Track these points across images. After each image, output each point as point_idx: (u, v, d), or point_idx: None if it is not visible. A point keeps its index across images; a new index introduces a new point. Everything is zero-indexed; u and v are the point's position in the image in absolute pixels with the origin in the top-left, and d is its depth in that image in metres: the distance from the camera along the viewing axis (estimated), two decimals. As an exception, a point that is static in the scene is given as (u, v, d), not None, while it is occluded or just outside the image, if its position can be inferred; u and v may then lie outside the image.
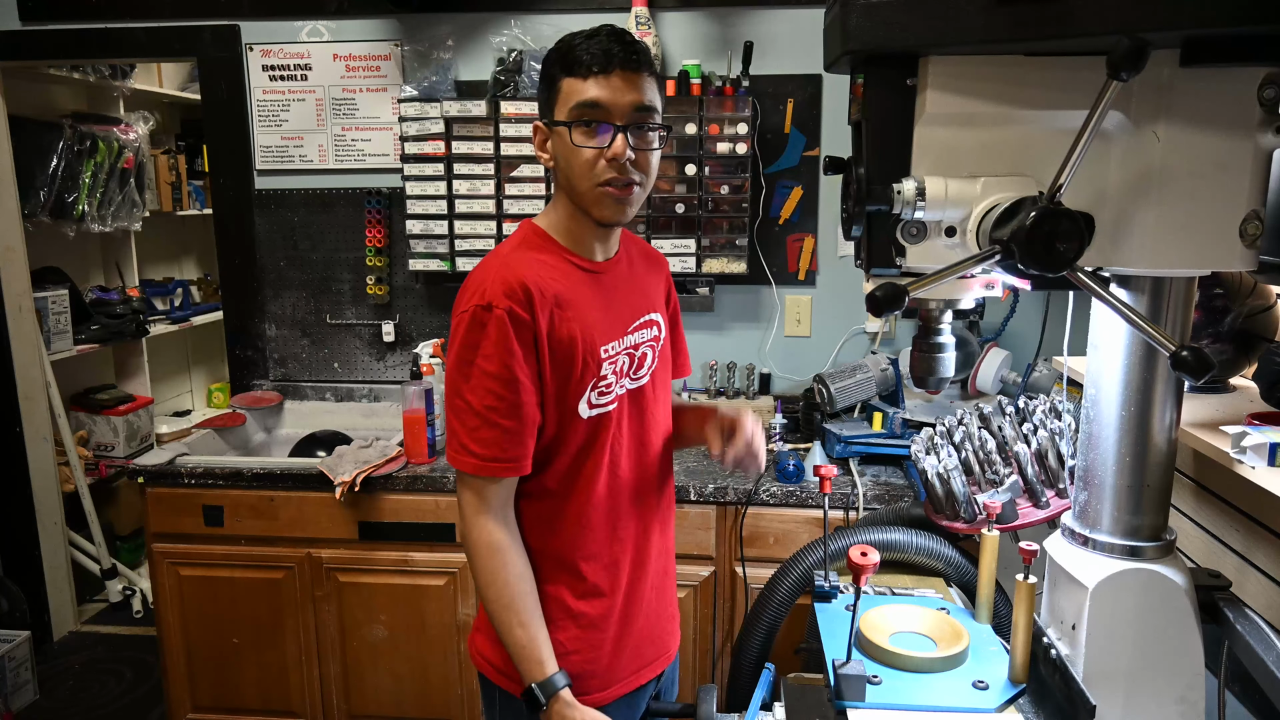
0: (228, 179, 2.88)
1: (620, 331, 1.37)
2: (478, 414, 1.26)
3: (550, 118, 1.29)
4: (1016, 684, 1.14)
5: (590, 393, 1.32)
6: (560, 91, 1.27)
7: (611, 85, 1.24)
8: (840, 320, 2.76)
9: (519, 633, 1.28)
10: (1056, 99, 0.89)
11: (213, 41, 2.80)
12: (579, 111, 1.25)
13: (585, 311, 1.31)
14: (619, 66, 1.24)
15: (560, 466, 1.34)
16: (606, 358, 1.33)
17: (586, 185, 1.27)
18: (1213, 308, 1.48)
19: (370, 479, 2.27)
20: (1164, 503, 1.02)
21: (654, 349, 1.44)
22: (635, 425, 1.40)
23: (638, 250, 1.50)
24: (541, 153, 1.34)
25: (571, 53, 1.25)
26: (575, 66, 1.25)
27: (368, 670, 2.40)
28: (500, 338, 1.24)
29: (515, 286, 1.25)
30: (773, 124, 2.66)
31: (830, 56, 0.99)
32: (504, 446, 1.27)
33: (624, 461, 1.39)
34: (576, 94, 1.25)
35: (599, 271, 1.37)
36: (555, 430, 1.32)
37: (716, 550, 2.25)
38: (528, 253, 1.32)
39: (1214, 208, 0.89)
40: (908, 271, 0.95)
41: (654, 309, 1.45)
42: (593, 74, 1.24)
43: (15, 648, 2.90)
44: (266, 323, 2.94)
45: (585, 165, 1.26)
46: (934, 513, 1.56)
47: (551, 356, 1.28)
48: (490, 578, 1.29)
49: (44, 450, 3.30)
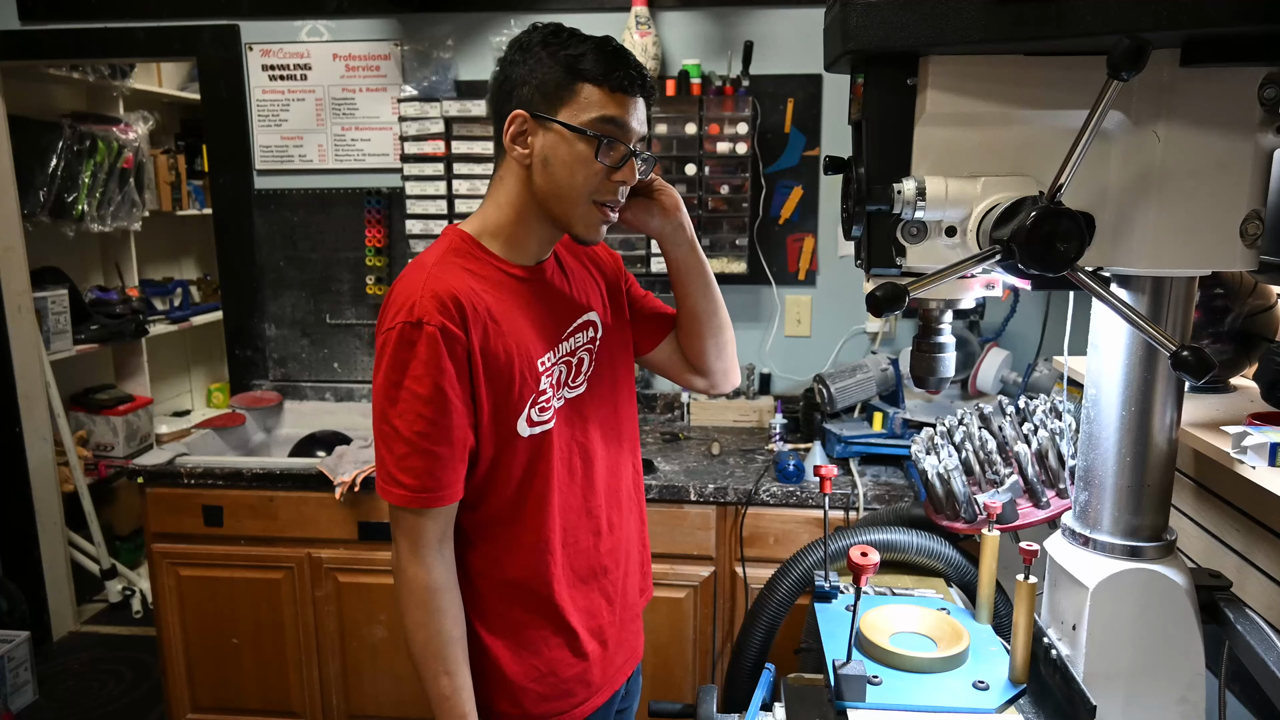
0: (227, 179, 2.88)
1: (555, 340, 1.30)
2: (406, 440, 1.17)
3: (553, 115, 1.19)
4: (1017, 684, 1.14)
5: (530, 409, 1.24)
6: (578, 95, 1.19)
7: (635, 107, 1.21)
8: (840, 320, 2.76)
9: (444, 682, 1.22)
10: (1056, 99, 0.89)
11: (212, 41, 2.80)
12: (602, 125, 1.19)
13: (519, 323, 1.24)
14: (640, 91, 1.22)
15: (506, 492, 1.27)
16: (544, 370, 1.26)
17: (581, 199, 1.22)
18: (1213, 308, 1.48)
19: (370, 479, 2.27)
20: (1164, 503, 1.02)
21: (590, 352, 1.37)
22: (580, 434, 1.34)
23: (563, 249, 1.40)
24: (517, 146, 1.22)
25: (594, 59, 1.18)
26: (604, 77, 1.18)
27: (368, 670, 2.40)
28: (431, 356, 1.15)
29: (446, 300, 1.16)
30: (773, 124, 2.65)
31: (830, 56, 0.99)
32: (434, 474, 1.19)
33: (577, 474, 1.33)
34: (600, 105, 1.18)
35: (530, 279, 1.29)
36: (493, 452, 1.24)
37: (716, 550, 2.25)
38: (455, 260, 1.23)
39: (1214, 208, 0.88)
40: (908, 271, 0.95)
41: (590, 308, 1.38)
42: (622, 88, 1.19)
43: (15, 648, 2.90)
44: (266, 323, 2.94)
45: (591, 179, 1.21)
46: (934, 513, 1.56)
47: (487, 374, 1.20)
48: (421, 622, 1.21)
49: (44, 450, 3.30)
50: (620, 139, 1.20)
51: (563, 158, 1.20)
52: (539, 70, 1.20)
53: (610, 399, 1.40)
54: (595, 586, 1.38)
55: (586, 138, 1.19)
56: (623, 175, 1.22)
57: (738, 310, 2.78)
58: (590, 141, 1.19)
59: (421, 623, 1.22)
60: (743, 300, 2.78)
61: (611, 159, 1.21)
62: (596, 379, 1.37)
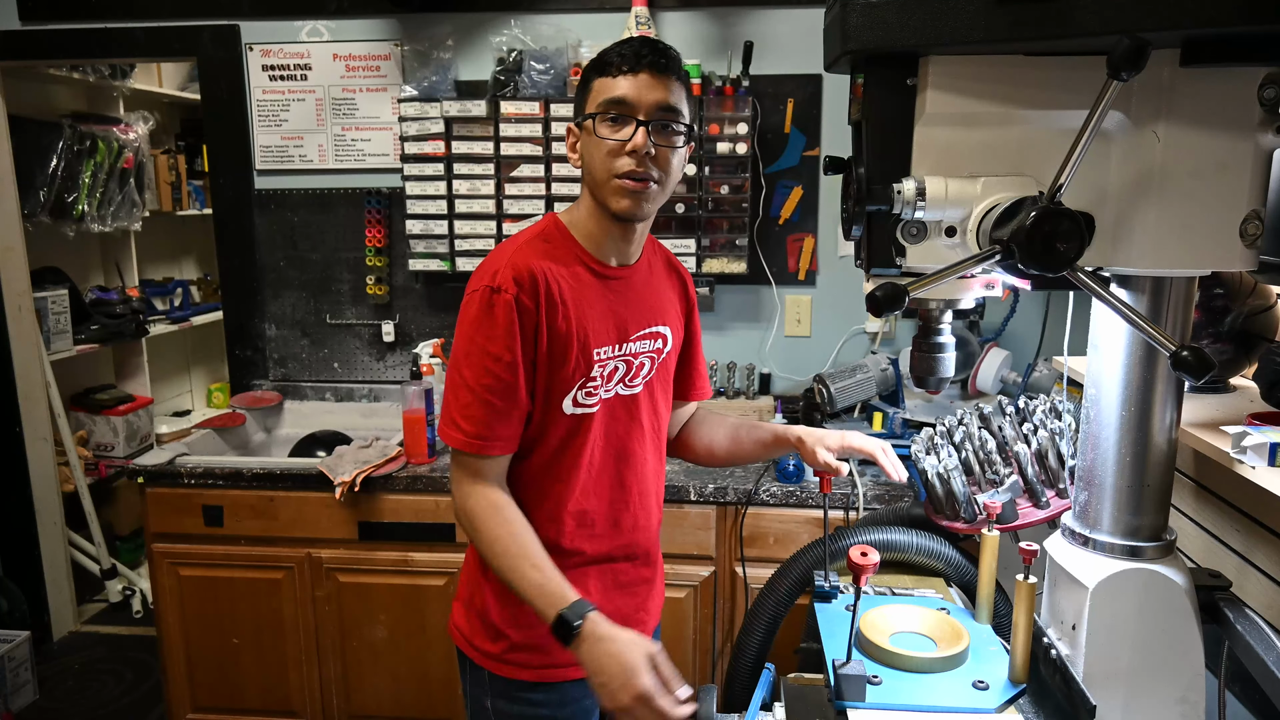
0: (227, 179, 2.88)
1: (619, 338, 1.39)
2: (472, 390, 1.29)
3: (580, 116, 1.35)
4: (1017, 684, 1.13)
5: (577, 391, 1.35)
6: (591, 90, 1.32)
7: (638, 82, 1.29)
8: (840, 320, 2.76)
9: (533, 574, 1.25)
10: (1056, 99, 0.89)
11: (212, 41, 2.80)
12: (605, 106, 1.29)
13: (587, 312, 1.34)
14: (647, 67, 1.29)
15: (541, 459, 1.37)
16: (599, 360, 1.36)
17: (605, 176, 1.30)
18: (1213, 308, 1.48)
19: (370, 479, 2.27)
20: (1164, 503, 1.02)
21: (654, 360, 1.46)
22: (620, 429, 1.42)
23: (661, 260, 1.53)
24: (572, 154, 1.38)
25: (605, 55, 1.32)
26: (606, 66, 1.31)
27: (368, 670, 2.40)
28: (505, 320, 1.27)
29: (524, 274, 1.29)
30: (773, 124, 2.65)
31: (830, 56, 0.99)
32: (492, 425, 1.30)
33: (610, 464, 1.42)
34: (605, 90, 1.30)
35: (610, 276, 1.39)
36: (540, 419, 1.35)
37: (716, 550, 2.25)
38: (543, 244, 1.35)
39: (1214, 208, 0.88)
40: (908, 271, 0.95)
41: (664, 321, 1.47)
42: (622, 72, 1.29)
43: (15, 648, 2.90)
44: (266, 323, 2.94)
45: (606, 156, 1.30)
46: (934, 513, 1.56)
47: (549, 348, 1.31)
48: (494, 533, 1.29)
49: (44, 450, 3.30)
50: (624, 112, 1.29)
51: (587, 147, 1.33)
52: (579, 88, 1.37)
53: (657, 409, 1.49)
54: (598, 571, 1.43)
55: (594, 119, 1.30)
56: (632, 144, 1.28)
57: (738, 310, 2.79)
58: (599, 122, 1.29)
59: (494, 534, 1.29)
60: (742, 300, 2.78)
61: (611, 132, 1.29)
62: (651, 386, 1.46)
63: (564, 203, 2.61)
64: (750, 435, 1.60)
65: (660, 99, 1.29)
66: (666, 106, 1.30)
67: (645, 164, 1.29)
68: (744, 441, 1.60)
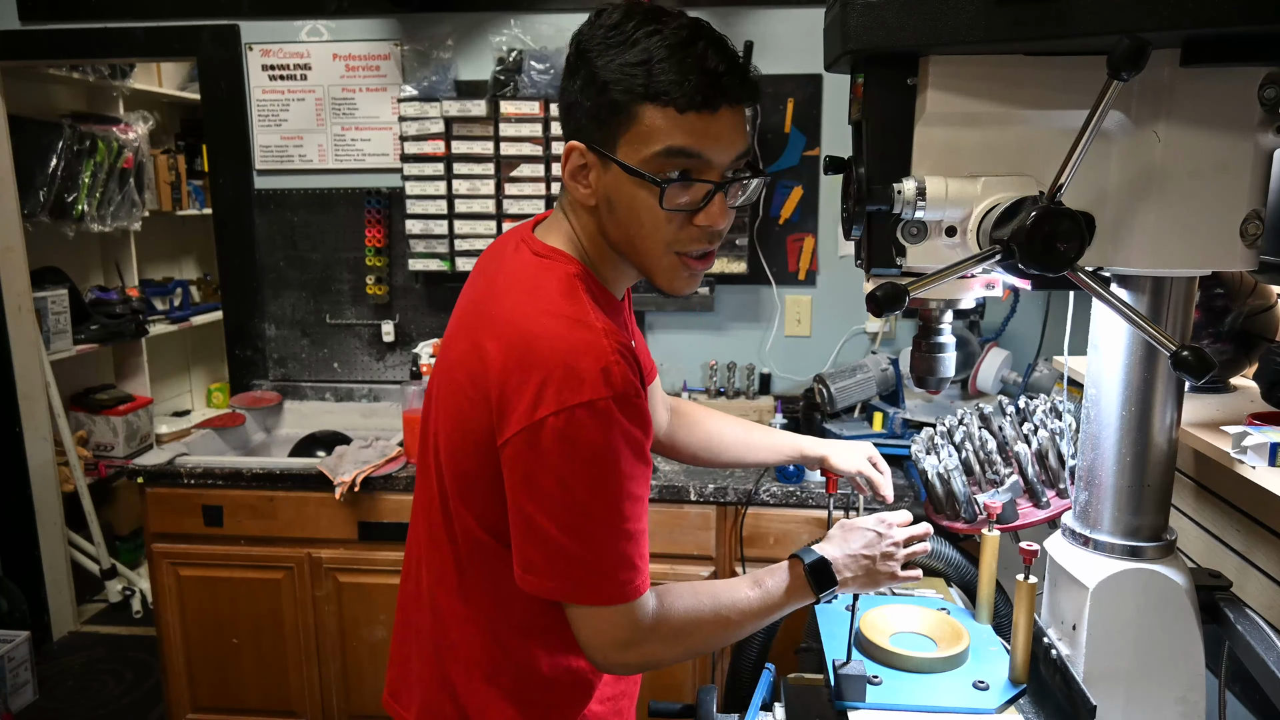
0: (227, 179, 2.88)
1: None
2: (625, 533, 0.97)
3: (611, 150, 0.95)
4: (1017, 684, 1.14)
5: None
6: (638, 121, 0.93)
7: (718, 126, 0.94)
8: (840, 320, 2.75)
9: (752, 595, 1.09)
10: (1056, 99, 0.89)
11: (212, 41, 2.80)
12: (669, 162, 0.94)
13: None
14: (729, 101, 0.94)
15: None
16: None
17: (659, 250, 0.99)
18: (1213, 307, 1.48)
19: (370, 479, 2.27)
20: (1164, 503, 1.02)
21: None
22: None
23: None
24: (579, 185, 1.00)
25: (661, 70, 0.91)
26: (667, 92, 0.91)
27: (368, 670, 2.40)
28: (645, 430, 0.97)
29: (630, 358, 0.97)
30: (773, 124, 2.65)
31: (830, 56, 0.98)
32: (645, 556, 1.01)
33: None
34: (666, 135, 0.93)
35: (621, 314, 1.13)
36: None
37: (716, 550, 2.25)
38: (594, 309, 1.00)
39: (1214, 207, 0.88)
40: (908, 271, 0.95)
41: None
42: (698, 108, 0.92)
43: (15, 648, 2.90)
44: (266, 323, 2.94)
45: (664, 227, 0.97)
46: (934, 513, 1.56)
47: None
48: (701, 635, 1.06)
49: (43, 450, 3.30)
50: (697, 173, 0.96)
51: (627, 202, 0.97)
52: (593, 88, 0.95)
53: None
54: None
55: (660, 185, 0.94)
56: (706, 219, 0.97)
57: (738, 310, 2.79)
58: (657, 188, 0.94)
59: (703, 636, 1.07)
60: (742, 300, 2.78)
61: (686, 202, 0.96)
62: None
63: (564, 203, 2.61)
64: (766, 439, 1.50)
65: (738, 148, 0.97)
66: (744, 153, 0.99)
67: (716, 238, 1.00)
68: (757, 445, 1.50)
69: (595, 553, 0.97)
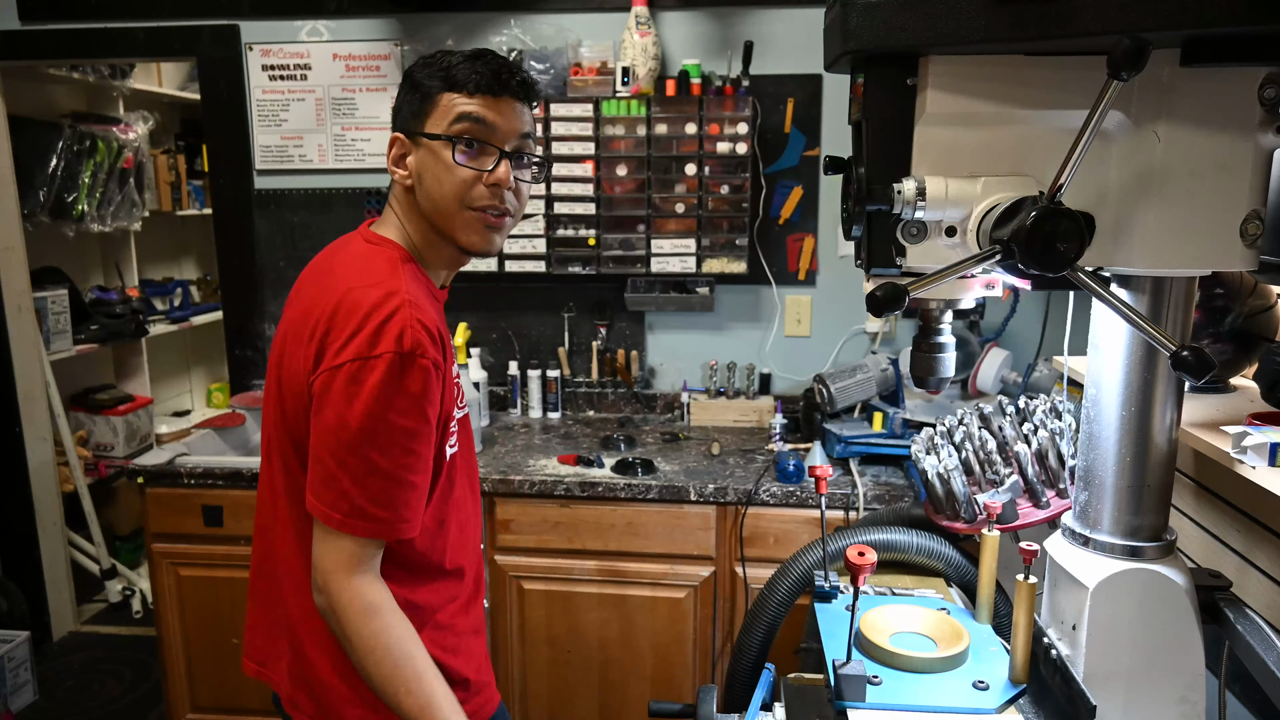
0: (227, 179, 2.88)
1: None
2: (387, 475, 1.12)
3: (419, 130, 1.21)
4: (1017, 684, 1.14)
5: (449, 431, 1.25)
6: (437, 104, 1.20)
7: (501, 108, 1.20)
8: (840, 320, 2.76)
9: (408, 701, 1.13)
10: (1056, 99, 0.89)
11: (212, 41, 2.80)
12: (461, 126, 1.19)
13: None
14: (512, 93, 1.21)
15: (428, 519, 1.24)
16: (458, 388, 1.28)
17: (456, 208, 1.20)
18: (1213, 308, 1.48)
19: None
20: (1164, 503, 1.02)
21: None
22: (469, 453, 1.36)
23: None
24: (397, 168, 1.24)
25: (455, 68, 1.20)
26: (460, 82, 1.19)
27: (367, 670, 2.40)
28: (422, 390, 1.12)
29: (433, 331, 1.15)
30: (773, 124, 2.65)
31: (830, 56, 0.98)
32: (410, 505, 1.15)
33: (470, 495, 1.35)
34: (458, 110, 1.19)
35: (441, 301, 1.30)
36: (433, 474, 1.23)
37: (716, 550, 2.25)
38: (412, 283, 1.19)
39: (1214, 208, 0.88)
40: (908, 271, 0.95)
41: None
42: (481, 92, 1.19)
43: (15, 648, 2.90)
44: (266, 323, 2.94)
45: (460, 187, 1.19)
46: (934, 513, 1.56)
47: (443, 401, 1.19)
48: (370, 643, 1.13)
49: (44, 450, 3.30)
50: (484, 138, 1.19)
51: (431, 168, 1.20)
52: (412, 91, 1.23)
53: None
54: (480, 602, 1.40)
55: (452, 144, 1.19)
56: (495, 177, 1.20)
57: (738, 310, 2.79)
58: (450, 145, 1.19)
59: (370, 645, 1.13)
60: (742, 300, 2.78)
61: (474, 159, 1.20)
62: None
63: (562, 202, 2.61)
64: None
65: (523, 128, 1.22)
66: (525, 134, 1.23)
67: (503, 197, 1.21)
68: None
69: (359, 484, 1.11)
